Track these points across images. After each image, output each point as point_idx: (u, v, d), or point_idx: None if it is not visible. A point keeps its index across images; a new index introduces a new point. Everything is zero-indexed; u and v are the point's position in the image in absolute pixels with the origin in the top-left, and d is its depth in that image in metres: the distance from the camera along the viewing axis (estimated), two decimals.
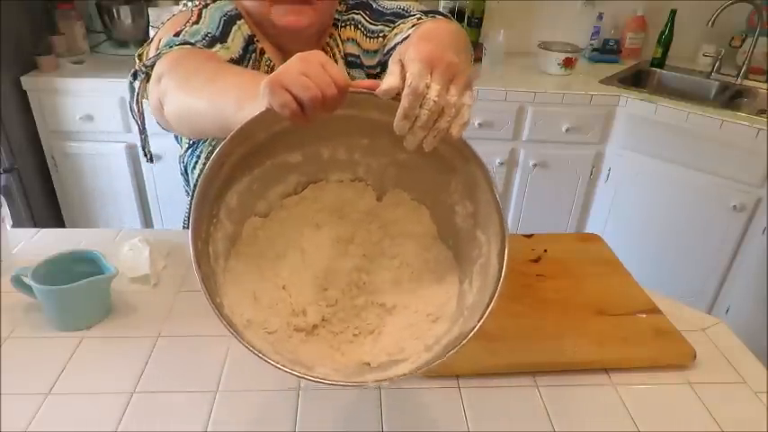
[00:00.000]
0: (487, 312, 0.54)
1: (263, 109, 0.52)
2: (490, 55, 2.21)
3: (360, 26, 0.96)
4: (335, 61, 0.99)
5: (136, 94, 0.83)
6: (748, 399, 0.77)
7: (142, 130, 0.88)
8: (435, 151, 0.55)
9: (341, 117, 0.56)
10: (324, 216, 0.67)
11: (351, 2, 0.99)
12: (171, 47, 0.78)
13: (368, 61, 0.96)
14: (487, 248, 0.60)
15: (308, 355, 0.60)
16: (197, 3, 0.91)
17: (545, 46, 2.20)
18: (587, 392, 0.76)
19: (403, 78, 0.52)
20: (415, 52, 0.52)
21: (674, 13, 2.24)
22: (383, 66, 0.95)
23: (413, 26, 0.87)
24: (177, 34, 0.81)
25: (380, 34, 0.93)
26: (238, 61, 0.86)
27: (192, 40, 0.80)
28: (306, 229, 0.66)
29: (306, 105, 0.51)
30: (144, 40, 2.16)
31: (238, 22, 0.91)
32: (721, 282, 2.02)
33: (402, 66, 0.53)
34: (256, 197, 0.64)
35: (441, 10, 0.93)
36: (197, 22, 0.85)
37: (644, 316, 0.88)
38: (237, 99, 0.61)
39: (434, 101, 0.51)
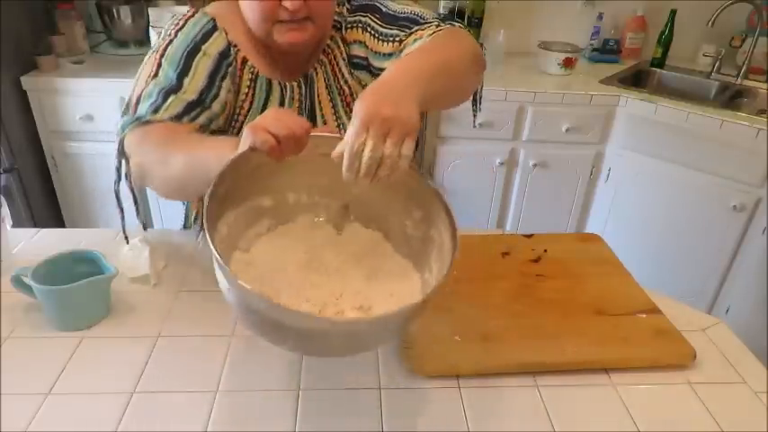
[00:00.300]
0: (447, 272, 0.61)
1: (246, 149, 0.64)
2: (490, 55, 2.21)
3: (369, 29, 0.96)
4: (337, 63, 1.00)
5: (124, 174, 0.89)
6: (748, 399, 0.77)
7: (137, 206, 0.95)
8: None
9: (304, 161, 0.68)
10: (296, 245, 0.76)
11: (355, 3, 0.99)
12: (124, 129, 0.85)
13: (378, 63, 0.96)
14: (440, 238, 0.69)
15: None
16: (170, 32, 0.91)
17: (545, 46, 2.20)
18: (587, 392, 0.76)
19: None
20: (356, 110, 0.62)
21: (674, 13, 2.24)
22: None
23: (432, 33, 0.88)
24: (138, 100, 0.87)
25: (396, 38, 0.93)
26: (199, 99, 0.87)
27: (145, 109, 0.85)
28: (284, 255, 0.74)
29: (282, 141, 0.64)
30: (144, 40, 2.16)
31: (204, 47, 0.89)
32: (721, 282, 2.02)
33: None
34: (239, 233, 0.72)
35: (442, 11, 0.94)
36: (156, 75, 0.88)
37: (644, 316, 0.88)
38: (218, 156, 0.68)
39: (369, 156, 0.61)
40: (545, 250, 1.03)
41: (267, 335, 0.61)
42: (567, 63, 2.16)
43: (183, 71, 0.87)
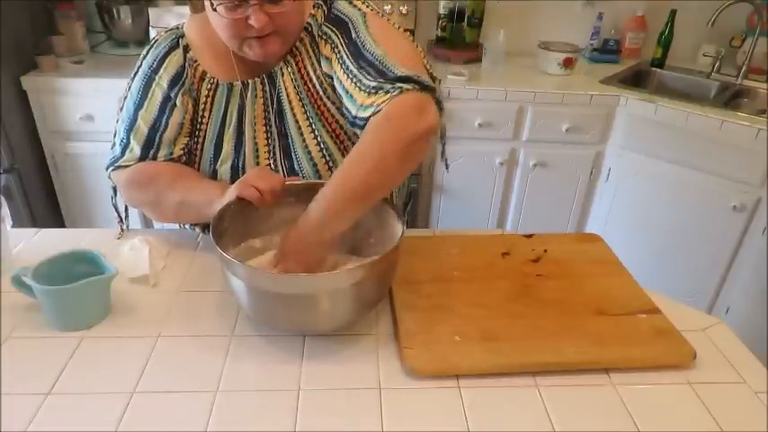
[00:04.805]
0: (397, 243, 0.79)
1: (234, 197, 0.88)
2: (490, 55, 2.21)
3: (336, 52, 0.93)
4: (304, 65, 0.98)
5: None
6: (748, 399, 0.77)
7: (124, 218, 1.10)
8: None
9: (280, 210, 0.92)
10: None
11: (333, 13, 0.96)
12: (108, 169, 1.02)
13: (336, 84, 0.93)
14: (391, 228, 0.88)
15: None
16: (141, 56, 1.01)
17: (545, 46, 2.20)
18: (587, 392, 0.76)
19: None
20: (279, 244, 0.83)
21: (674, 13, 2.24)
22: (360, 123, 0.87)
23: (383, 108, 0.81)
24: (115, 132, 1.02)
25: (354, 79, 0.88)
26: (152, 129, 0.99)
27: (119, 150, 1.00)
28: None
29: (264, 193, 0.88)
30: (144, 40, 2.16)
31: (157, 76, 0.97)
32: (721, 282, 2.02)
33: None
34: None
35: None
36: (122, 108, 1.02)
37: (644, 316, 0.88)
38: (210, 200, 0.92)
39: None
40: (545, 250, 1.03)
41: (268, 311, 0.81)
42: (567, 63, 2.16)
43: (139, 104, 0.99)
